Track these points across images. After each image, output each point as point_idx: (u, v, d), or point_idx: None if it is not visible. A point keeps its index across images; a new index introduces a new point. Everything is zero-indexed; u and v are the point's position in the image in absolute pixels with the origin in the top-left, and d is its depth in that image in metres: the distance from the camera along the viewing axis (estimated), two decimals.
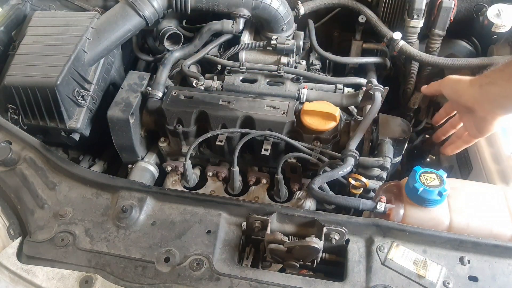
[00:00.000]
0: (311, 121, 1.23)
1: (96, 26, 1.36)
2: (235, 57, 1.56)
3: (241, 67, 1.46)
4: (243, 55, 1.56)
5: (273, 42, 1.48)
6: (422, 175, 0.98)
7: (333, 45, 1.87)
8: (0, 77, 1.30)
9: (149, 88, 1.35)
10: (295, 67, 1.52)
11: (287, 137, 1.23)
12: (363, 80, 1.44)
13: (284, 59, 1.52)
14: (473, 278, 0.88)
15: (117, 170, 1.53)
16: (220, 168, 1.35)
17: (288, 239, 0.91)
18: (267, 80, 1.46)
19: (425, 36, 1.56)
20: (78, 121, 1.29)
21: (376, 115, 1.27)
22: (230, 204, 1.02)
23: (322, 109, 1.25)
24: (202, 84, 1.40)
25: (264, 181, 1.32)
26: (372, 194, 1.24)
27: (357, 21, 1.66)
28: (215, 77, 1.48)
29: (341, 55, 1.61)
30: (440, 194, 0.95)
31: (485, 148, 1.31)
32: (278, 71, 1.44)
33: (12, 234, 1.00)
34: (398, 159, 1.32)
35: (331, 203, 1.18)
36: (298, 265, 0.93)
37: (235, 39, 1.59)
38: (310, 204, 1.25)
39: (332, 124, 1.23)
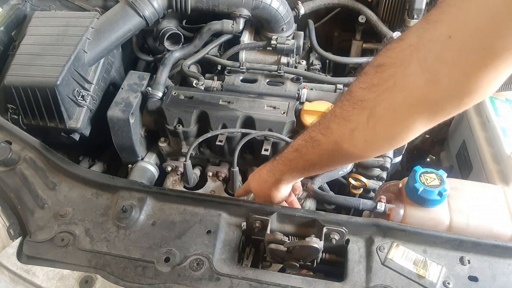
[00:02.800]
0: (311, 121, 1.23)
1: (96, 26, 1.36)
2: (235, 57, 1.56)
3: (241, 67, 1.46)
4: (243, 55, 1.56)
5: (273, 42, 1.48)
6: (422, 175, 0.98)
7: (333, 45, 1.87)
8: (0, 77, 1.30)
9: (149, 88, 1.35)
10: (295, 67, 1.52)
11: (287, 137, 1.23)
12: None
13: (284, 59, 1.52)
14: (473, 278, 0.88)
15: (117, 170, 1.53)
16: (220, 168, 1.35)
17: (288, 239, 0.90)
18: (267, 80, 1.46)
19: None
20: (78, 121, 1.29)
21: None
22: (230, 204, 1.02)
23: (322, 109, 1.25)
24: (202, 84, 1.40)
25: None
26: (372, 194, 1.24)
27: (357, 21, 1.66)
28: (215, 77, 1.49)
29: (341, 55, 1.61)
30: (440, 194, 0.95)
31: (485, 148, 1.31)
32: (278, 71, 1.44)
33: (12, 234, 0.99)
34: (398, 159, 1.32)
35: (331, 203, 1.18)
36: (298, 265, 0.93)
37: (235, 39, 1.59)
38: (310, 204, 1.25)
39: None
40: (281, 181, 0.98)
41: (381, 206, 1.00)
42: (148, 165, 1.39)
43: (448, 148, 1.61)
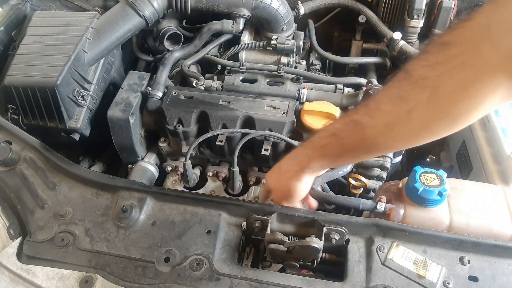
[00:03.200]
0: (311, 121, 1.23)
1: (96, 26, 1.36)
2: (235, 57, 1.56)
3: (241, 67, 1.46)
4: (243, 55, 1.56)
5: (273, 42, 1.48)
6: (422, 175, 0.98)
7: (333, 45, 1.87)
8: (0, 77, 1.30)
9: (149, 88, 1.35)
10: (295, 67, 1.52)
11: (287, 137, 1.23)
12: (363, 80, 1.44)
13: (284, 59, 1.52)
14: (473, 278, 0.88)
15: (117, 170, 1.53)
16: (220, 168, 1.34)
17: (288, 239, 0.91)
18: (267, 80, 1.46)
19: (425, 36, 1.56)
20: (78, 121, 1.29)
21: None
22: (230, 204, 1.02)
23: (322, 109, 1.25)
24: (202, 84, 1.40)
25: (264, 181, 1.31)
26: (372, 194, 1.24)
27: (357, 21, 1.66)
28: (215, 77, 1.49)
29: (341, 55, 1.61)
30: (440, 194, 0.95)
31: (485, 148, 1.31)
32: (278, 71, 1.44)
33: (12, 234, 1.00)
34: (398, 159, 1.32)
35: (331, 203, 1.18)
36: (298, 265, 0.93)
37: (235, 39, 1.59)
38: None
39: None
40: (306, 169, 0.92)
41: (381, 206, 0.99)
42: (148, 165, 1.39)
43: (448, 148, 1.61)
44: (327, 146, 0.86)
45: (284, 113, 1.25)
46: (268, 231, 0.92)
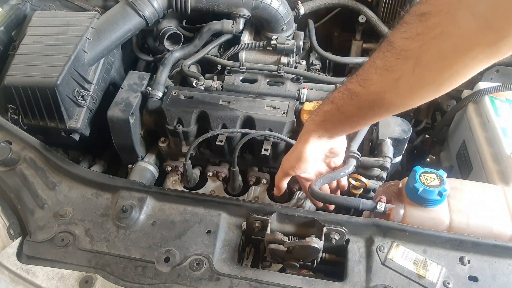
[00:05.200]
0: None
1: (96, 26, 1.36)
2: (235, 57, 1.56)
3: (241, 67, 1.46)
4: (243, 55, 1.56)
5: (273, 42, 1.48)
6: (422, 175, 0.98)
7: (333, 45, 1.87)
8: (0, 77, 1.30)
9: (149, 88, 1.35)
10: (295, 67, 1.52)
11: (287, 137, 1.23)
12: None
13: (284, 59, 1.52)
14: (473, 278, 0.88)
15: (117, 170, 1.53)
16: (220, 168, 1.34)
17: (288, 239, 0.91)
18: (267, 80, 1.46)
19: None
20: (78, 121, 1.29)
21: None
22: (230, 204, 1.02)
23: None
24: (202, 84, 1.40)
25: (264, 181, 1.32)
26: (372, 194, 1.24)
27: (357, 21, 1.66)
28: (215, 77, 1.49)
29: (341, 55, 1.61)
30: (440, 194, 0.95)
31: (485, 148, 1.31)
32: (278, 71, 1.44)
33: (12, 234, 1.00)
34: (398, 159, 1.32)
35: (331, 203, 1.18)
36: (298, 265, 0.93)
37: (235, 39, 1.59)
38: (310, 204, 1.25)
39: None
40: (312, 132, 0.96)
41: (381, 206, 0.99)
42: (148, 165, 1.39)
43: (448, 148, 1.61)
44: (328, 113, 0.91)
45: (284, 113, 1.25)
46: (268, 231, 0.92)
